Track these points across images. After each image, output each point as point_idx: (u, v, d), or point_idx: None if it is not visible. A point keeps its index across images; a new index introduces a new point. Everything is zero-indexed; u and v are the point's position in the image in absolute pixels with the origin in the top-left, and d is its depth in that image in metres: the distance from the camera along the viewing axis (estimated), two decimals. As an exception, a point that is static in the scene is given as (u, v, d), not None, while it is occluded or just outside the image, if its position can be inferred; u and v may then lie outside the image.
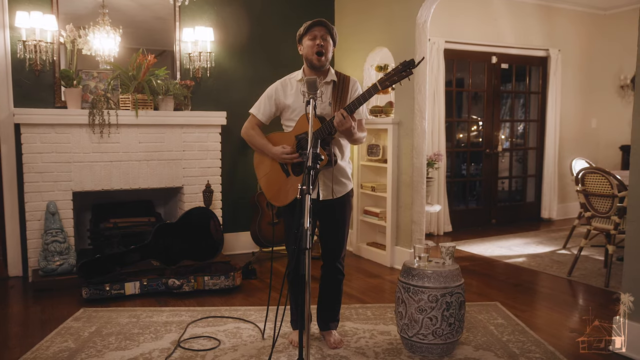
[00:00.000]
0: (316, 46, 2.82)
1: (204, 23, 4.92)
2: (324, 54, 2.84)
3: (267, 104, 2.98)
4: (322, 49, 2.83)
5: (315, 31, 2.84)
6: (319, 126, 2.78)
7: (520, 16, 6.67)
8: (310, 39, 2.84)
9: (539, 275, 4.58)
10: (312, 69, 2.90)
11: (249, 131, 3.02)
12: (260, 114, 3.00)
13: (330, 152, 2.85)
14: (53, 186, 4.24)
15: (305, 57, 2.90)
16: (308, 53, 2.86)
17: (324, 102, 2.93)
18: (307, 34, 2.85)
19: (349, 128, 2.74)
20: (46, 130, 4.19)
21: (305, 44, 2.86)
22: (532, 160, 7.25)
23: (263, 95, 3.01)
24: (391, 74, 2.71)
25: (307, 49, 2.86)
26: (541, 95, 7.08)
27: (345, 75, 2.99)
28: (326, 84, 2.93)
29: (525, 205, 7.20)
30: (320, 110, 2.91)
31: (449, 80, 6.38)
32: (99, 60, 4.56)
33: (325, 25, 2.86)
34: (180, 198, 4.82)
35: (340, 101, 2.90)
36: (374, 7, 5.02)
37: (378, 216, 5.01)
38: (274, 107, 2.98)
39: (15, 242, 4.39)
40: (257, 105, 3.02)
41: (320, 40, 2.82)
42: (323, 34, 2.84)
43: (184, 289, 3.95)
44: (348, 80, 2.97)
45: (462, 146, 6.86)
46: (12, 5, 4.25)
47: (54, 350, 2.96)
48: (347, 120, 2.70)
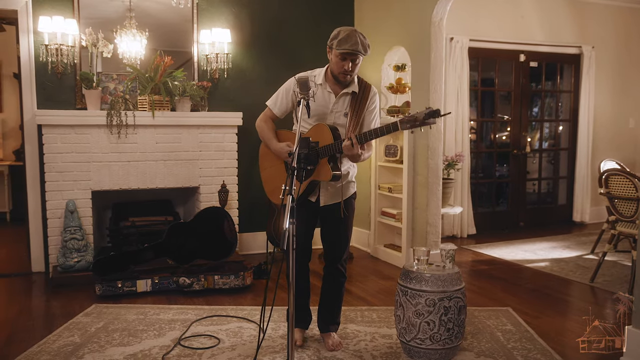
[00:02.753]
0: (344, 70, 2.73)
1: (221, 25, 4.98)
2: (351, 75, 2.78)
3: (284, 98, 2.92)
4: (350, 73, 2.75)
5: (347, 56, 2.71)
6: (331, 143, 2.72)
7: (550, 12, 6.45)
8: (340, 59, 2.72)
9: (560, 280, 4.41)
10: (337, 80, 2.82)
11: (261, 123, 2.98)
12: (277, 108, 2.95)
13: (336, 166, 2.78)
14: (73, 185, 4.38)
15: (331, 70, 2.81)
16: (335, 69, 2.77)
17: (340, 111, 2.86)
18: (339, 51, 2.69)
19: (355, 155, 2.70)
20: (66, 131, 4.33)
21: (334, 59, 2.74)
22: (563, 162, 7.00)
23: (281, 89, 2.94)
24: (414, 118, 2.54)
25: (334, 65, 2.76)
26: (573, 94, 6.82)
27: (366, 84, 2.91)
28: (346, 94, 2.85)
29: (556, 208, 6.96)
30: (334, 119, 2.85)
31: (474, 79, 6.23)
32: (125, 63, 4.67)
33: (359, 52, 2.70)
34: (197, 198, 4.88)
35: (356, 114, 2.82)
36: (390, 5, 4.96)
37: (395, 217, 4.95)
38: (290, 103, 2.92)
39: (38, 239, 4.55)
40: (274, 98, 2.96)
41: (350, 65, 2.72)
42: (355, 57, 2.73)
43: (194, 288, 4.00)
44: (368, 90, 2.89)
45: (488, 147, 6.69)
46: (35, 11, 4.41)
47: (59, 344, 3.05)
48: (355, 148, 2.65)
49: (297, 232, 3.00)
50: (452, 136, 5.92)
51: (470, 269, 4.77)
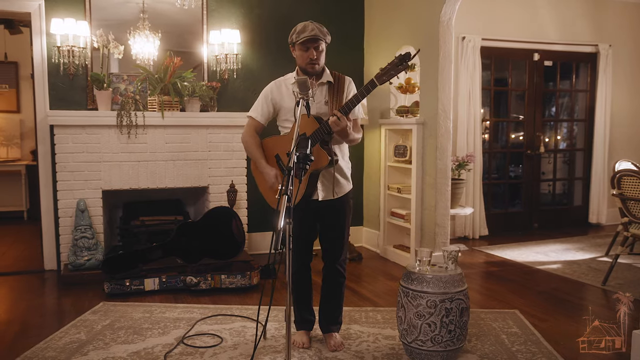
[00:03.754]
0: (309, 59, 2.80)
1: (231, 25, 5.00)
2: (318, 63, 2.83)
3: (265, 105, 2.98)
4: (316, 61, 2.81)
5: (309, 43, 2.79)
6: (317, 127, 2.77)
7: (565, 10, 6.35)
8: (303, 50, 2.81)
9: (571, 283, 4.34)
10: (306, 74, 2.87)
11: (247, 138, 3.02)
12: (259, 116, 2.99)
13: (331, 151, 2.82)
14: (84, 184, 4.44)
15: (299, 65, 2.89)
16: (301, 62, 2.86)
17: (320, 101, 2.90)
18: (300, 43, 2.80)
19: (344, 128, 2.71)
20: (77, 131, 4.39)
21: (298, 52, 2.84)
22: (579, 162, 6.89)
23: (259, 97, 3.01)
24: (387, 69, 2.65)
25: (299, 58, 2.85)
26: (589, 94, 6.71)
27: (340, 75, 2.97)
28: (321, 84, 2.91)
29: (572, 210, 6.85)
30: (316, 110, 2.89)
31: (487, 79, 6.17)
32: (135, 64, 4.72)
33: (320, 38, 2.80)
34: (207, 198, 4.91)
35: (336, 101, 2.87)
36: (400, 5, 4.93)
37: (404, 218, 4.92)
38: (272, 108, 2.97)
39: (51, 237, 4.63)
40: (255, 107, 3.01)
41: (313, 53, 2.79)
42: (317, 45, 2.81)
43: (200, 287, 4.03)
44: (343, 80, 2.95)
45: (501, 147, 6.61)
46: (48, 13, 4.48)
47: (65, 341, 3.10)
48: (342, 121, 2.68)
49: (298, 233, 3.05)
50: (463, 137, 5.87)
51: (479, 271, 4.72)
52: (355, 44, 5.54)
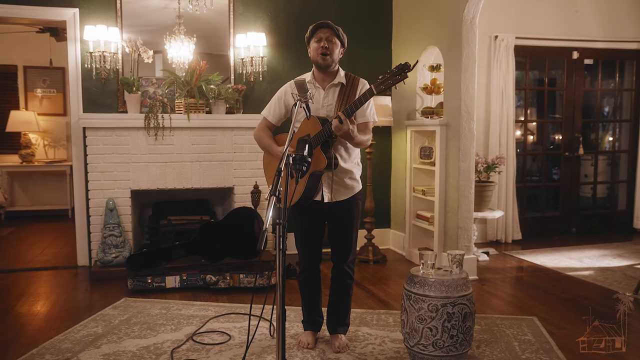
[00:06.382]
0: (321, 48, 2.86)
1: (257, 29, 5.07)
2: (329, 54, 2.85)
3: (277, 106, 3.05)
4: (327, 50, 2.85)
5: (321, 33, 2.89)
6: (320, 129, 2.78)
7: (607, 5, 6.07)
8: (315, 41, 2.90)
9: (601, 290, 4.15)
10: (320, 69, 2.94)
11: (258, 132, 3.10)
12: (271, 116, 3.07)
13: (331, 155, 2.82)
14: (113, 184, 4.62)
15: (312, 60, 2.94)
16: (314, 55, 2.92)
17: (331, 104, 2.92)
18: (313, 36, 2.91)
19: (347, 132, 2.71)
20: (107, 133, 4.58)
21: (312, 46, 2.92)
22: (623, 164, 6.57)
23: (273, 98, 3.10)
24: (386, 78, 2.67)
25: (313, 51, 2.92)
26: (635, 93, 6.39)
27: (355, 77, 2.98)
28: (334, 86, 2.93)
29: (615, 214, 6.54)
30: (326, 112, 2.92)
31: (522, 79, 5.99)
32: (163, 68, 4.88)
33: (330, 26, 2.90)
34: (232, 198, 5.01)
35: (345, 103, 2.88)
36: (425, 4, 4.87)
37: (429, 221, 4.85)
38: (284, 109, 3.04)
39: (83, 235, 4.84)
40: (268, 107, 3.10)
41: (325, 42, 2.87)
42: (328, 36, 2.89)
43: (219, 285, 4.11)
44: (357, 82, 2.95)
45: (538, 149, 6.39)
46: (82, 21, 4.69)
47: (82, 334, 3.24)
48: (345, 124, 2.68)
49: (306, 235, 3.07)
50: (496, 138, 5.72)
51: (505, 276, 4.58)
52: (383, 44, 5.50)
